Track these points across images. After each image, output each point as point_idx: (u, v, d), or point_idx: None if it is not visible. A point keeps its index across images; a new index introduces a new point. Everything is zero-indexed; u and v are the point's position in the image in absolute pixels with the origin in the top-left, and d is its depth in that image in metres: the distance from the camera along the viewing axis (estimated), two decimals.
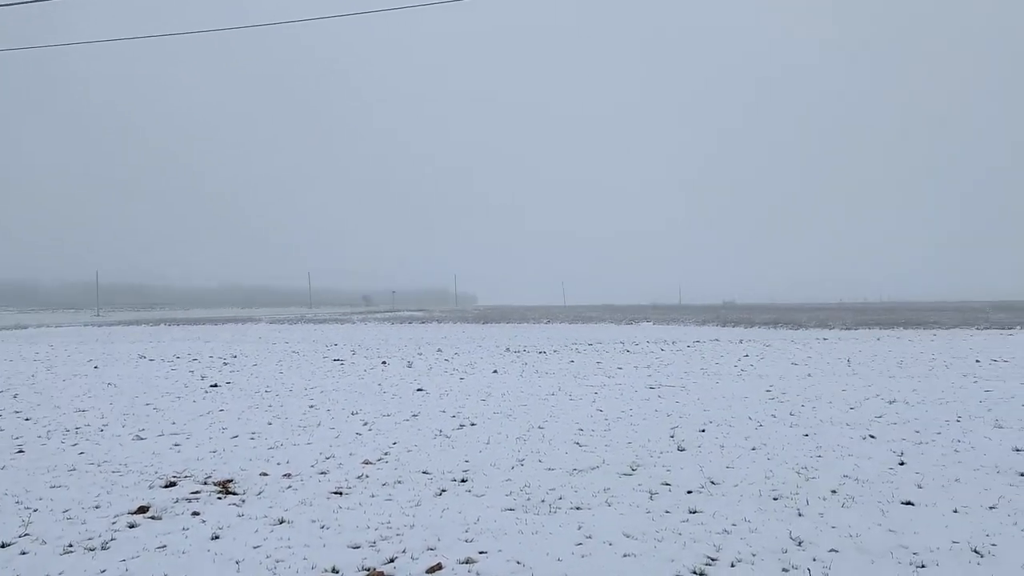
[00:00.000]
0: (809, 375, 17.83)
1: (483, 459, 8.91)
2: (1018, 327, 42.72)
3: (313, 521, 6.55)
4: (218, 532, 6.25)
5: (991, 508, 6.65)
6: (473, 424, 11.34)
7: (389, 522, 6.50)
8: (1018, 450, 8.97)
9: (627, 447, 9.51)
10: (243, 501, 7.23)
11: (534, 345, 30.77)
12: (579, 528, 6.27)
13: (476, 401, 13.86)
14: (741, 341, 32.27)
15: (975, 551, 5.58)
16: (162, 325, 61.46)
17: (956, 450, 9.04)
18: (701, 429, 10.67)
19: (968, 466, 8.22)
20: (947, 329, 41.48)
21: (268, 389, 16.04)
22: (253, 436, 10.55)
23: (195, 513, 6.80)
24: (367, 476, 8.16)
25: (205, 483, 7.92)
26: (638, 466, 8.47)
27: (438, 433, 10.63)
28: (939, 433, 10.12)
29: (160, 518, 6.68)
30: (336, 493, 7.49)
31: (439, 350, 27.94)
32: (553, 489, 7.51)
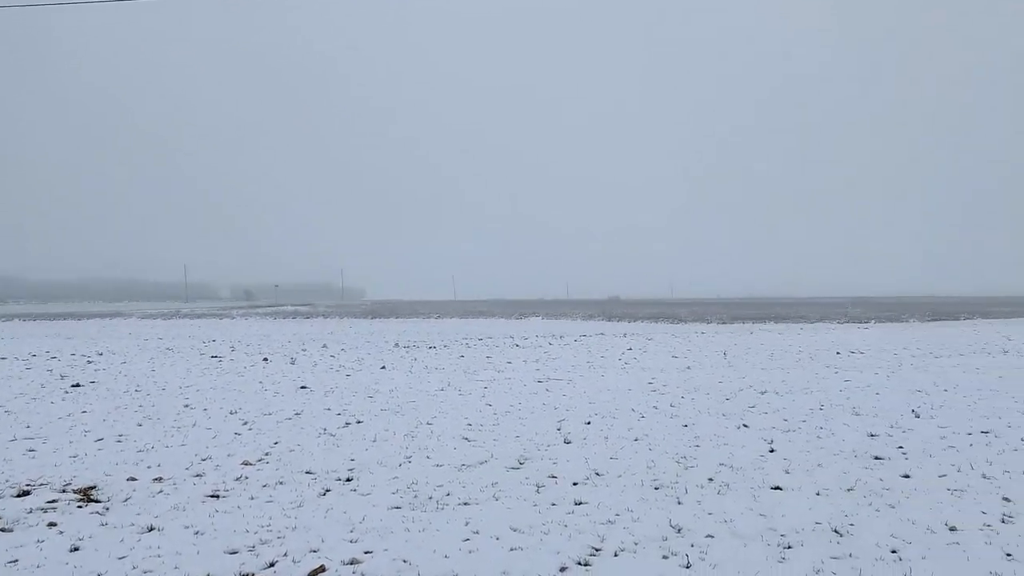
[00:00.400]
0: (688, 367, 18.60)
1: (370, 457, 8.74)
2: (872, 321, 46.32)
3: (186, 527, 6.21)
4: (78, 543, 5.81)
5: (849, 490, 7.14)
6: (359, 422, 11.12)
7: (270, 525, 6.26)
8: (872, 435, 9.69)
9: (515, 441, 9.59)
10: (107, 509, 6.76)
11: (424, 340, 30.57)
12: (467, 524, 6.25)
13: (363, 398, 13.60)
14: (625, 335, 33.30)
15: (835, 531, 5.97)
16: (16, 320, 56.70)
17: (819, 436, 9.66)
18: (587, 421, 10.91)
19: (829, 451, 8.80)
20: (812, 323, 44.41)
21: (138, 388, 15.11)
22: (120, 439, 9.90)
23: (52, 524, 6.30)
24: (246, 478, 7.83)
25: (64, 491, 7.35)
26: (526, 459, 8.55)
27: (323, 432, 10.35)
28: (804, 421, 10.78)
29: (11, 530, 6.14)
30: (212, 496, 7.14)
31: (324, 346, 27.26)
32: (441, 485, 7.47)
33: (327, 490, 7.35)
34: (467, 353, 23.61)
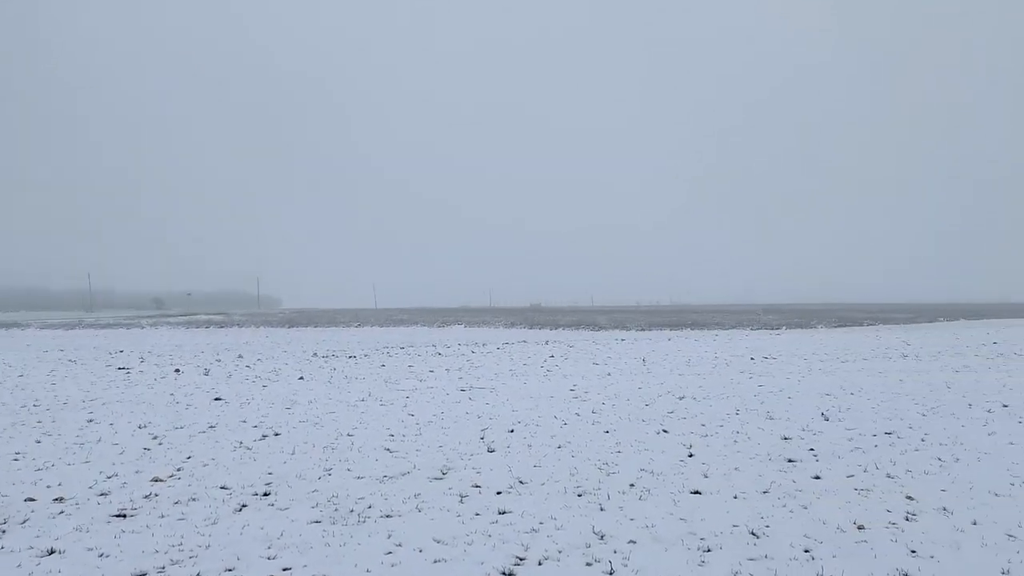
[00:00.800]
0: (609, 374, 18.88)
1: (288, 470, 8.49)
2: (784, 327, 48.21)
3: (90, 549, 5.87)
4: None
5: (764, 493, 7.37)
6: (277, 434, 10.79)
7: (181, 544, 5.98)
8: (786, 438, 10.05)
9: (438, 451, 9.50)
10: (3, 532, 6.33)
11: (343, 350, 30.04)
12: (389, 536, 6.14)
13: (280, 410, 13.22)
14: (547, 342, 33.58)
15: (752, 533, 6.15)
16: None
17: (735, 441, 9.95)
18: (510, 429, 10.91)
19: (746, 455, 9.07)
20: (727, 329, 45.89)
21: (37, 403, 14.26)
22: (17, 457, 9.31)
23: None
24: (156, 495, 7.47)
25: None
26: (449, 469, 8.47)
27: (238, 445, 9.99)
28: (722, 426, 11.09)
29: None
30: (119, 516, 6.78)
31: (240, 356, 26.43)
32: (362, 498, 7.31)
33: (243, 505, 7.09)
34: (388, 362, 23.32)
